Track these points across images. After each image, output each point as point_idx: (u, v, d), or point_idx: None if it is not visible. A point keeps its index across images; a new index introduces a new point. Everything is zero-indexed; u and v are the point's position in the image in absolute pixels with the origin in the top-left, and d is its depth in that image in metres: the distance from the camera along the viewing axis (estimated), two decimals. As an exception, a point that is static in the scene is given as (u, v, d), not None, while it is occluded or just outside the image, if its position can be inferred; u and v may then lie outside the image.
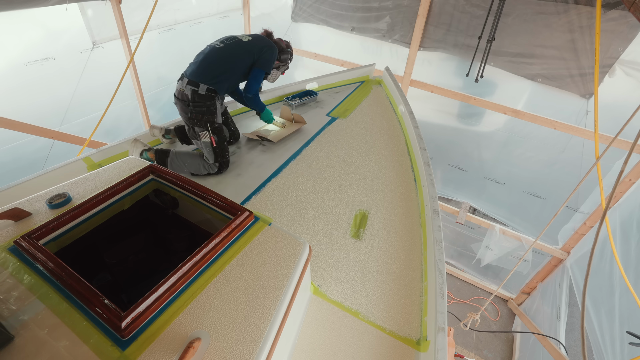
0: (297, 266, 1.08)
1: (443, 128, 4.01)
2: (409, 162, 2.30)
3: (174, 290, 0.93)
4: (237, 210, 1.20)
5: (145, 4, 3.27)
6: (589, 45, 2.83)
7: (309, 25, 4.24)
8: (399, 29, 3.67)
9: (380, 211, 1.89)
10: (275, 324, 0.91)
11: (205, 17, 4.16)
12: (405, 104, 2.61)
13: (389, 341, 1.30)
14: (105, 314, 0.83)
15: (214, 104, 1.99)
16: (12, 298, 0.87)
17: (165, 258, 1.54)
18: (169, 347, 0.81)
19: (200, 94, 1.94)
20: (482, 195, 4.12)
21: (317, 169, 2.17)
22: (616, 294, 2.45)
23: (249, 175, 2.10)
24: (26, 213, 1.11)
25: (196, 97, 1.94)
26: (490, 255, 4.00)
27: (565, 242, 3.46)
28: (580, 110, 3.14)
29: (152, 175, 1.39)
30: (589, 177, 2.04)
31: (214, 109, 2.00)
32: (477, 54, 3.23)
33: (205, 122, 1.99)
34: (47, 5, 2.53)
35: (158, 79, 3.91)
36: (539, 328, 3.43)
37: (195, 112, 1.96)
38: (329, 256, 1.61)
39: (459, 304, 4.19)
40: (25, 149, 2.83)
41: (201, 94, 1.94)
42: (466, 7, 3.21)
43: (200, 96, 1.95)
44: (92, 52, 3.06)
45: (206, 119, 1.98)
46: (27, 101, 2.76)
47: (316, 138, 2.50)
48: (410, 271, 1.57)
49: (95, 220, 1.22)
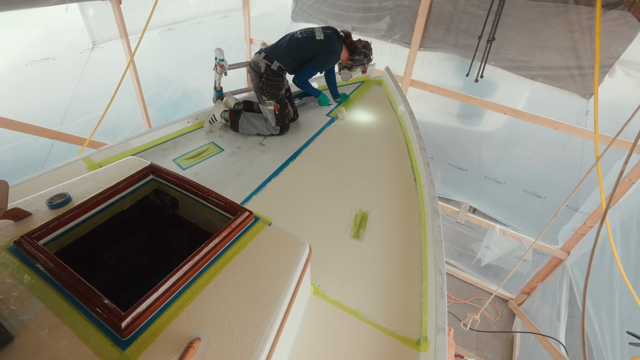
0: (297, 266, 1.08)
1: (443, 128, 4.01)
2: (409, 162, 2.30)
3: (174, 290, 0.93)
4: (237, 210, 1.20)
5: (145, 4, 3.27)
6: (589, 45, 2.83)
7: (309, 25, 4.24)
8: (399, 29, 3.67)
9: (380, 211, 1.89)
10: (275, 324, 0.91)
11: (205, 17, 4.16)
12: (405, 104, 2.61)
13: (389, 341, 1.30)
14: (105, 314, 0.83)
15: (282, 80, 2.35)
16: (12, 298, 0.87)
17: (165, 258, 1.54)
18: (169, 347, 0.81)
19: (273, 69, 2.30)
20: (482, 195, 4.12)
21: (317, 169, 2.17)
22: (616, 294, 2.45)
23: (249, 175, 2.10)
24: (26, 213, 1.11)
25: (269, 71, 2.30)
26: (490, 255, 4.00)
27: (565, 242, 3.46)
28: (581, 110, 3.14)
29: (152, 175, 1.39)
30: (589, 177, 2.04)
31: (281, 84, 2.35)
32: (477, 54, 3.23)
33: (272, 93, 2.32)
34: (47, 5, 2.53)
35: (158, 78, 3.91)
36: (539, 328, 3.43)
37: (266, 84, 2.30)
38: (329, 256, 1.61)
39: (459, 304, 4.19)
40: (25, 149, 2.83)
41: (273, 69, 2.30)
42: (466, 7, 3.21)
43: (273, 71, 2.30)
44: (92, 52, 3.06)
45: (273, 92, 2.32)
46: (27, 101, 2.76)
47: (316, 138, 2.50)
48: (410, 271, 1.57)
49: (95, 220, 1.22)
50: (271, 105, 2.35)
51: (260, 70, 2.31)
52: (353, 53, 2.52)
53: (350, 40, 2.53)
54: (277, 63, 2.30)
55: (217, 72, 2.52)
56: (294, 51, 2.36)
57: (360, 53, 2.53)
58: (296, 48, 2.36)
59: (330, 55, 2.41)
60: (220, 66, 2.48)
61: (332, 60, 2.46)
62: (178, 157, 2.21)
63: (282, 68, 2.32)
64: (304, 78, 2.50)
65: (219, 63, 2.47)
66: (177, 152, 2.26)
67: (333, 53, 2.42)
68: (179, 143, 2.36)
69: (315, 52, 2.38)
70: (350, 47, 2.52)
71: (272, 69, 2.29)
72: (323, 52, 2.38)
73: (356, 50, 2.52)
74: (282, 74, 2.34)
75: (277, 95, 2.34)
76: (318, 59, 2.40)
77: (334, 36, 2.43)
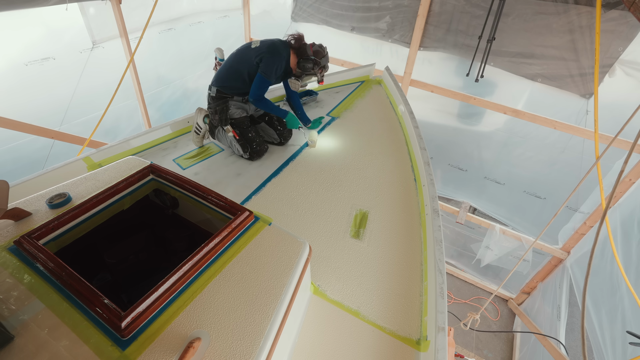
0: (297, 266, 1.08)
1: (443, 128, 4.01)
2: (409, 162, 2.30)
3: (174, 290, 0.93)
4: (237, 210, 1.20)
5: (145, 4, 3.27)
6: (589, 45, 2.83)
7: (309, 25, 4.24)
8: (399, 28, 3.67)
9: (380, 211, 1.89)
10: (275, 323, 0.91)
11: (205, 16, 4.16)
12: (405, 104, 2.61)
13: (389, 341, 1.30)
14: (106, 313, 0.83)
15: (224, 103, 2.18)
16: (12, 298, 0.87)
17: (165, 258, 1.54)
18: (169, 347, 0.81)
19: (212, 96, 2.19)
20: (482, 195, 4.12)
21: (317, 169, 2.17)
22: (616, 294, 2.45)
23: (249, 175, 2.10)
24: (26, 213, 1.11)
25: (209, 99, 2.20)
26: (490, 255, 4.00)
27: (566, 242, 3.46)
28: (580, 110, 3.13)
29: (152, 175, 1.39)
30: (589, 177, 2.03)
31: (225, 108, 2.18)
32: (477, 54, 3.23)
33: (221, 119, 2.18)
34: (47, 5, 2.52)
35: (158, 78, 3.91)
36: (539, 328, 3.43)
37: (211, 112, 2.19)
38: (329, 256, 1.61)
39: (459, 304, 4.19)
40: (25, 149, 2.83)
41: (212, 96, 2.19)
42: (466, 7, 3.21)
43: (212, 97, 2.19)
44: (92, 51, 3.06)
45: (220, 117, 2.17)
46: (27, 101, 2.76)
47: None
48: (410, 271, 1.57)
49: (95, 220, 1.22)
50: (230, 132, 2.16)
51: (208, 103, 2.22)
52: (301, 61, 2.18)
53: (299, 45, 2.18)
54: (214, 88, 2.17)
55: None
56: (229, 68, 2.15)
57: (308, 60, 2.16)
58: (232, 64, 2.15)
59: (270, 58, 2.08)
60: (220, 66, 2.48)
61: (277, 64, 2.11)
62: (178, 157, 2.21)
63: (221, 92, 2.16)
64: (256, 94, 2.14)
65: (219, 62, 2.48)
66: (177, 152, 2.26)
67: (272, 55, 2.09)
68: (179, 143, 2.35)
69: (251, 60, 2.10)
70: (298, 52, 2.18)
71: (211, 96, 2.18)
72: (262, 58, 2.09)
73: (304, 58, 2.17)
74: (222, 98, 2.18)
75: (226, 119, 2.17)
76: (260, 68, 2.10)
77: (274, 40, 2.17)
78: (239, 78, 2.14)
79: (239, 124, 2.19)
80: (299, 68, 2.22)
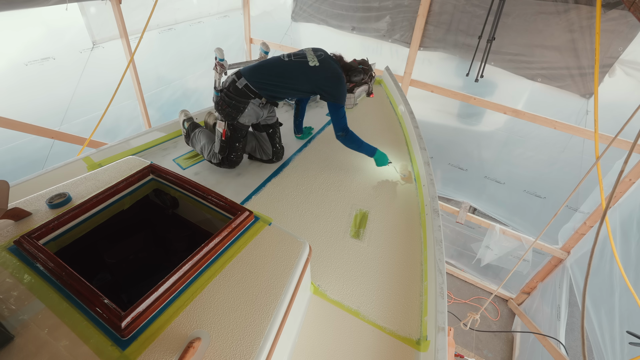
0: (297, 266, 1.08)
1: (443, 128, 4.01)
2: (409, 162, 2.30)
3: (174, 290, 0.93)
4: (237, 210, 1.20)
5: (145, 4, 3.27)
6: (589, 45, 2.83)
7: (310, 25, 4.24)
8: (399, 28, 3.67)
9: (380, 211, 1.89)
10: (275, 323, 0.91)
11: (205, 16, 4.16)
12: (405, 104, 2.61)
13: (389, 341, 1.30)
14: (105, 313, 0.83)
15: (244, 103, 1.93)
16: (12, 298, 0.87)
17: (165, 258, 1.54)
18: (169, 347, 0.81)
19: (237, 87, 1.92)
20: (482, 195, 4.12)
21: (317, 169, 2.17)
22: (616, 293, 2.45)
23: (249, 175, 2.10)
24: (26, 213, 1.11)
25: (232, 87, 1.93)
26: (490, 255, 4.00)
27: (565, 242, 3.46)
28: (580, 110, 3.14)
29: (152, 175, 1.39)
30: (589, 177, 2.04)
31: (242, 108, 1.94)
32: (477, 54, 3.23)
33: (227, 113, 1.94)
34: (47, 5, 2.53)
35: (158, 78, 3.91)
36: (539, 328, 3.43)
37: (223, 100, 1.94)
38: (329, 256, 1.61)
39: (459, 304, 4.19)
40: (25, 149, 2.83)
41: (237, 87, 1.92)
42: (466, 7, 3.21)
43: (236, 88, 1.92)
44: (92, 51, 3.06)
45: (228, 112, 1.94)
46: (27, 101, 2.76)
47: (316, 138, 2.50)
48: (410, 271, 1.57)
49: (95, 220, 1.22)
50: (221, 127, 1.98)
51: (224, 86, 1.98)
52: (351, 74, 2.08)
53: (344, 62, 2.11)
54: (245, 81, 1.90)
55: (217, 72, 2.52)
56: (278, 74, 1.96)
57: (358, 71, 2.08)
58: (282, 73, 1.96)
59: (338, 82, 1.97)
60: (220, 66, 2.48)
61: (344, 88, 2.00)
62: (178, 157, 2.21)
63: (251, 88, 1.91)
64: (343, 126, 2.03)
65: (219, 63, 2.47)
66: (177, 152, 2.26)
67: (339, 78, 1.98)
68: (179, 143, 2.36)
69: (311, 81, 1.96)
70: (345, 68, 2.08)
71: (235, 86, 1.92)
72: (327, 81, 1.96)
73: (352, 69, 2.08)
74: (247, 96, 1.92)
75: (232, 118, 1.95)
76: (330, 94, 1.97)
77: (329, 58, 2.03)
78: (283, 89, 1.98)
79: (237, 129, 2.00)
80: (350, 82, 2.10)
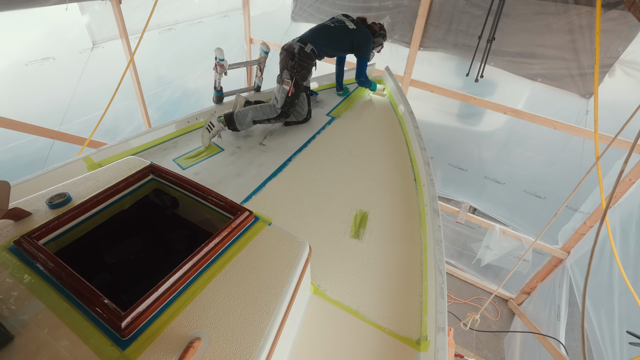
0: (297, 266, 1.08)
1: (443, 128, 4.01)
2: (409, 162, 2.30)
3: (174, 290, 0.93)
4: (237, 210, 1.20)
5: (145, 4, 3.27)
6: (589, 45, 2.83)
7: (310, 25, 4.23)
8: (399, 28, 3.67)
9: (380, 211, 1.89)
10: (275, 323, 0.91)
11: (205, 16, 4.16)
12: (405, 104, 2.61)
13: (389, 341, 1.30)
14: (106, 313, 0.83)
15: (312, 64, 2.44)
16: (12, 298, 0.87)
17: (165, 258, 1.54)
18: (169, 347, 0.81)
19: (306, 51, 2.39)
20: (482, 195, 4.12)
21: (317, 169, 2.17)
22: (616, 293, 2.45)
23: (249, 175, 2.10)
24: (26, 213, 1.11)
25: (302, 52, 2.38)
26: (490, 255, 4.00)
27: (565, 242, 3.46)
28: (580, 110, 3.14)
29: (152, 175, 1.39)
30: (589, 177, 2.04)
31: (310, 68, 2.45)
32: (477, 54, 3.23)
33: (302, 75, 2.40)
34: (47, 5, 2.53)
35: (158, 78, 3.91)
36: (539, 328, 3.43)
37: (298, 64, 2.38)
38: (329, 256, 1.61)
39: (459, 304, 4.19)
40: (25, 149, 2.83)
41: (306, 52, 2.39)
42: (466, 7, 3.21)
43: (305, 53, 2.39)
44: (92, 51, 3.06)
45: (303, 73, 2.40)
46: (27, 101, 2.76)
47: (316, 138, 2.50)
48: (410, 271, 1.57)
49: (95, 220, 1.22)
50: (288, 85, 2.39)
51: (293, 51, 2.39)
52: (374, 35, 2.72)
53: (367, 25, 2.74)
54: (311, 46, 2.40)
55: (217, 72, 2.52)
56: (329, 38, 2.51)
57: (380, 35, 2.75)
58: (332, 35, 2.53)
59: (368, 42, 2.61)
60: (220, 66, 2.48)
61: (371, 45, 2.68)
62: (178, 157, 2.21)
63: (315, 51, 2.42)
64: (364, 73, 2.73)
65: (219, 63, 2.47)
66: (177, 152, 2.26)
67: (369, 39, 2.62)
68: (179, 143, 2.35)
69: (352, 42, 2.57)
70: (371, 30, 2.70)
71: (305, 51, 2.39)
72: (362, 40, 2.58)
73: (375, 33, 2.72)
74: (313, 58, 2.42)
75: (304, 78, 2.43)
76: (362, 50, 2.60)
77: (359, 22, 2.66)
78: (332, 47, 2.54)
79: (299, 87, 2.43)
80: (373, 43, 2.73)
